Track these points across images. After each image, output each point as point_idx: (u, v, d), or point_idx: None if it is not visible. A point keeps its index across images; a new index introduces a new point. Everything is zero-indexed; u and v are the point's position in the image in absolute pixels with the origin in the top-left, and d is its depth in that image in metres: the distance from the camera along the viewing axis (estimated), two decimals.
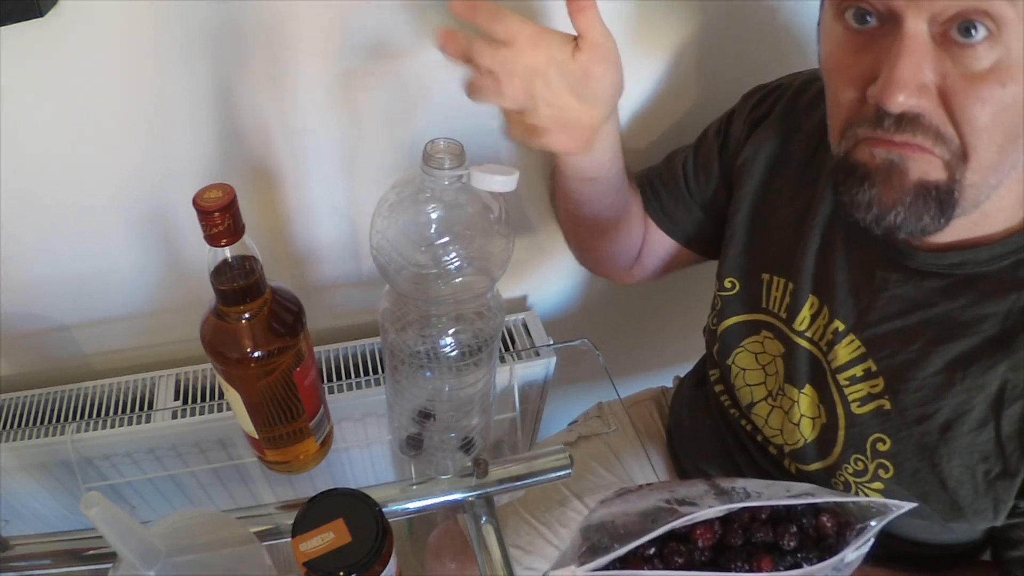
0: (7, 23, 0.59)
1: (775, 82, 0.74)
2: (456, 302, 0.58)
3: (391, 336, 0.62)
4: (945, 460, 0.57)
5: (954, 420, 0.57)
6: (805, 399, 0.66)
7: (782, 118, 0.70)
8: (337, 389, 0.91)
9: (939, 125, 0.47)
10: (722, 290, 0.74)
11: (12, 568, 0.65)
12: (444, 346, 0.61)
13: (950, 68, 0.46)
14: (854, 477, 0.63)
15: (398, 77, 0.76)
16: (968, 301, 0.56)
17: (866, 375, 0.61)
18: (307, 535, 0.53)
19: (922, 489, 0.59)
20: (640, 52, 0.82)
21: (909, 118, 0.47)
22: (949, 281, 0.57)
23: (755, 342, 0.71)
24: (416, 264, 0.54)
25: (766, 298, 0.70)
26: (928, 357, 0.58)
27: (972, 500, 0.57)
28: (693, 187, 0.78)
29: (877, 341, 0.61)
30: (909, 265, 0.59)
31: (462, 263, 0.54)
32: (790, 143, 0.69)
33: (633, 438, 0.92)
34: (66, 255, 0.82)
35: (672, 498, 0.49)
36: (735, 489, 0.50)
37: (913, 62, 0.45)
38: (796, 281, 0.66)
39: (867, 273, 0.61)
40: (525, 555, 0.83)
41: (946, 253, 0.57)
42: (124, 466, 0.91)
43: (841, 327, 0.63)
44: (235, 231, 0.53)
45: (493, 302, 0.62)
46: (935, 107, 0.47)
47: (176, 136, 0.74)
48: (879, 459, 0.61)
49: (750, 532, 0.49)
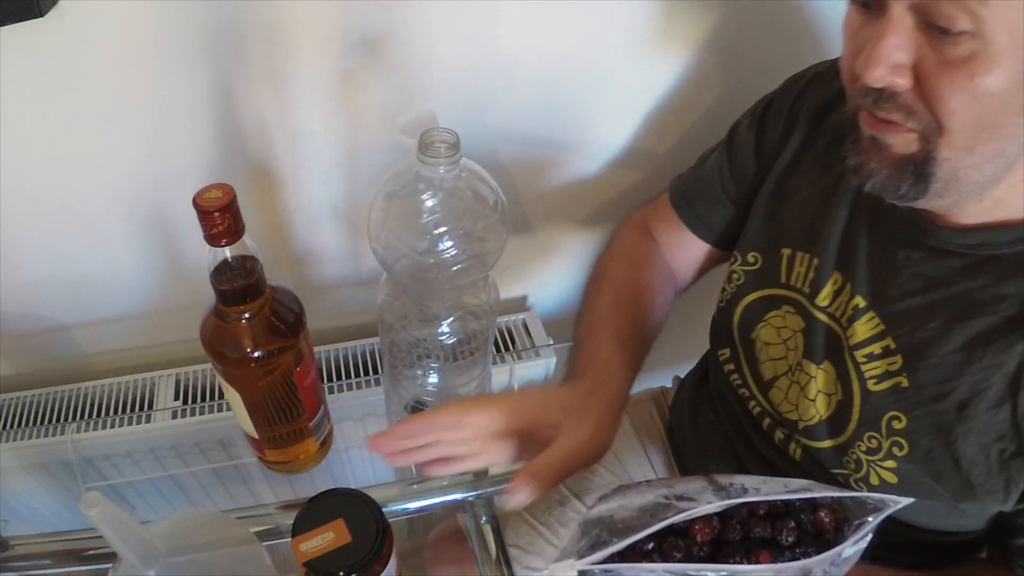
0: (7, 23, 0.59)
1: (811, 70, 0.75)
2: (453, 288, 0.58)
3: (389, 325, 0.62)
4: (960, 439, 0.58)
5: (971, 399, 0.57)
6: (822, 374, 0.66)
7: (816, 103, 0.71)
8: (337, 389, 0.91)
9: (912, 104, 0.51)
10: (744, 264, 0.74)
11: (12, 568, 0.65)
12: (442, 335, 0.61)
13: (927, 52, 0.49)
14: (867, 455, 0.63)
15: (398, 77, 0.77)
16: (988, 281, 0.57)
17: (884, 352, 0.62)
18: (307, 535, 0.53)
19: (935, 468, 0.60)
20: (664, 50, 0.83)
21: (887, 95, 0.51)
22: (970, 260, 0.58)
23: (777, 316, 0.71)
24: (415, 251, 0.55)
25: (788, 273, 0.70)
26: (947, 335, 0.58)
27: (985, 480, 0.58)
28: (730, 187, 0.79)
29: (897, 318, 0.61)
30: (930, 243, 0.60)
31: (458, 250, 0.55)
32: (822, 123, 0.70)
33: (633, 438, 0.92)
34: (66, 255, 0.82)
35: (670, 494, 0.49)
36: (733, 485, 0.50)
37: (892, 42, 0.49)
38: (821, 256, 0.67)
39: (889, 251, 0.63)
40: (525, 555, 0.83)
41: (967, 233, 0.58)
42: (124, 466, 0.91)
43: (862, 303, 0.64)
44: (235, 231, 0.53)
45: (490, 291, 0.62)
46: (910, 87, 0.50)
47: (176, 136, 0.74)
48: (894, 437, 0.61)
49: (748, 527, 0.49)
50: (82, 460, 0.88)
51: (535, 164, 0.90)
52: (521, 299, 1.09)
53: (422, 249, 0.55)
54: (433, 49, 0.75)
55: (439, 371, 0.65)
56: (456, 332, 0.62)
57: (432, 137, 0.53)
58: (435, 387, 0.67)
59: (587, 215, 1.01)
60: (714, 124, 0.94)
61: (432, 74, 0.77)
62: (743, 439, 0.78)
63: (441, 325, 0.61)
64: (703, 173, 0.81)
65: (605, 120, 0.89)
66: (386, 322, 0.63)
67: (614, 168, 0.95)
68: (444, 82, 0.78)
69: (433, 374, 0.65)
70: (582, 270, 1.10)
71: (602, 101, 0.87)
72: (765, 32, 0.85)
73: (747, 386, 0.75)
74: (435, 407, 0.60)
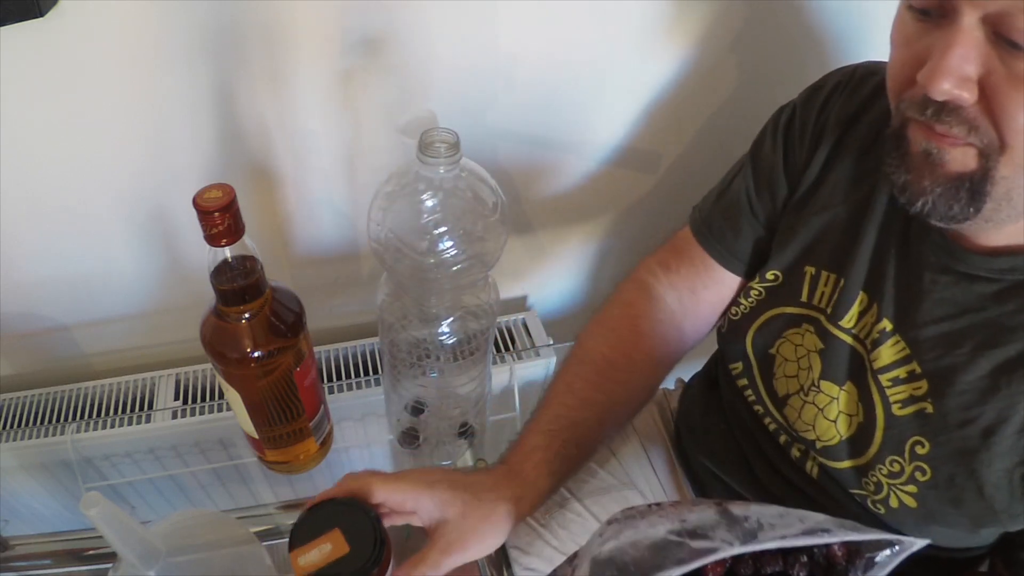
0: (7, 23, 0.59)
1: (831, 80, 0.71)
2: (453, 288, 0.58)
3: (389, 325, 0.62)
4: (985, 465, 0.57)
5: (997, 425, 0.57)
6: (845, 396, 0.65)
7: (840, 115, 0.69)
8: (337, 389, 0.91)
9: (976, 119, 0.49)
10: (763, 281, 0.72)
11: (12, 568, 0.65)
12: (442, 335, 0.61)
13: (997, 66, 0.47)
14: (888, 478, 0.63)
15: (398, 77, 0.76)
16: (1017, 306, 0.56)
17: (910, 377, 0.61)
18: (304, 548, 0.53)
19: (956, 495, 0.59)
20: (664, 50, 0.83)
21: (949, 108, 0.49)
22: (999, 286, 0.57)
23: (796, 334, 0.70)
24: (415, 251, 0.55)
25: (810, 292, 0.69)
26: (975, 361, 0.57)
27: (1008, 505, 0.57)
28: (759, 210, 0.74)
29: (923, 343, 0.60)
30: (959, 269, 0.59)
31: (458, 251, 0.55)
32: (848, 135, 0.68)
33: (633, 439, 0.92)
34: (66, 255, 0.82)
35: (683, 529, 0.48)
36: (748, 519, 0.49)
37: (961, 53, 0.47)
38: (847, 277, 0.66)
39: (916, 274, 0.61)
40: (525, 555, 0.83)
41: (997, 258, 0.57)
42: (124, 466, 0.91)
43: (888, 327, 0.62)
44: (235, 231, 0.53)
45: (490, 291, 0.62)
46: (975, 101, 0.48)
47: (176, 136, 0.74)
48: (917, 462, 0.61)
49: (760, 563, 0.48)
50: (82, 460, 0.88)
51: (535, 164, 0.90)
52: (521, 299, 1.09)
53: (422, 249, 0.55)
54: (433, 49, 0.75)
55: (439, 371, 0.65)
56: (456, 332, 0.62)
57: (432, 137, 0.53)
58: (435, 387, 0.67)
59: (587, 215, 1.01)
60: (715, 124, 0.94)
61: (432, 74, 0.77)
62: (758, 453, 0.76)
63: (441, 325, 0.61)
64: (729, 200, 0.75)
65: (605, 120, 0.89)
66: (386, 322, 0.63)
67: (614, 168, 0.95)
68: (444, 82, 0.78)
69: (433, 374, 0.65)
70: (582, 270, 1.10)
71: (602, 101, 0.87)
72: (765, 32, 0.85)
73: (762, 402, 0.74)
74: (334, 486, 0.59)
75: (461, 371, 0.65)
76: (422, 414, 0.70)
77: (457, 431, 0.71)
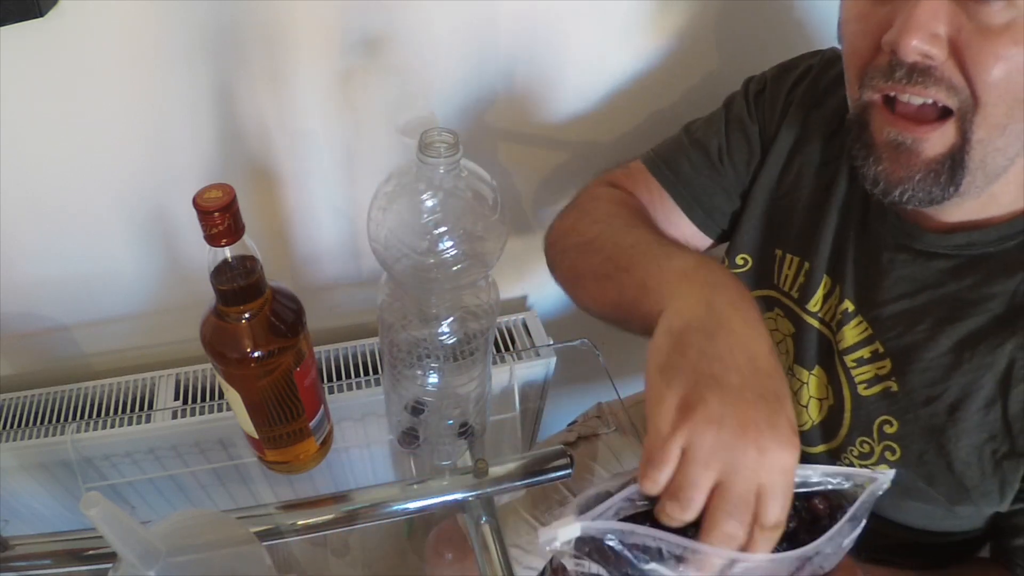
0: (7, 23, 0.59)
1: (803, 62, 0.72)
2: (453, 288, 0.58)
3: (389, 325, 0.62)
4: (952, 441, 0.58)
5: (962, 400, 0.57)
6: (814, 380, 0.66)
7: (805, 97, 0.69)
8: (337, 389, 0.91)
9: (950, 76, 0.48)
10: (733, 267, 0.73)
11: (12, 568, 0.65)
12: (442, 335, 0.61)
13: (964, 22, 0.47)
14: (859, 460, 0.63)
15: (398, 77, 0.77)
16: (975, 281, 0.57)
17: (873, 356, 0.62)
18: None
19: (928, 471, 0.59)
20: (665, 50, 0.83)
21: (921, 68, 0.49)
22: (956, 262, 0.58)
23: (769, 319, 0.70)
24: (415, 251, 0.55)
25: (777, 275, 0.70)
26: (935, 338, 0.58)
27: (979, 482, 0.58)
28: (727, 162, 0.73)
29: (884, 322, 0.61)
30: (916, 247, 0.59)
31: (458, 250, 0.55)
32: (811, 120, 0.69)
33: (633, 438, 0.92)
34: (66, 255, 0.82)
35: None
36: None
37: (930, 8, 0.47)
38: (812, 261, 0.66)
39: (875, 255, 0.62)
40: (525, 555, 0.83)
41: (953, 234, 0.57)
42: (124, 466, 0.91)
43: (851, 308, 0.63)
44: (235, 231, 0.53)
45: (490, 291, 0.62)
46: (947, 58, 0.48)
47: (176, 136, 0.74)
48: (886, 441, 0.61)
49: None
50: (82, 460, 0.88)
51: (535, 164, 0.90)
52: (521, 299, 1.09)
53: (422, 249, 0.55)
54: (433, 49, 0.75)
55: (439, 371, 0.65)
56: (456, 332, 0.62)
57: (432, 137, 0.53)
58: (435, 387, 0.67)
59: None
60: None
61: (432, 74, 0.77)
62: None
63: (441, 325, 0.61)
64: (693, 143, 0.73)
65: (606, 120, 0.89)
66: (386, 322, 0.63)
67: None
68: (444, 82, 0.78)
69: (433, 374, 0.65)
70: None
71: (603, 102, 0.87)
72: (766, 32, 0.85)
73: None
74: None
75: (461, 371, 0.65)
76: (422, 414, 0.70)
77: (457, 431, 0.71)
